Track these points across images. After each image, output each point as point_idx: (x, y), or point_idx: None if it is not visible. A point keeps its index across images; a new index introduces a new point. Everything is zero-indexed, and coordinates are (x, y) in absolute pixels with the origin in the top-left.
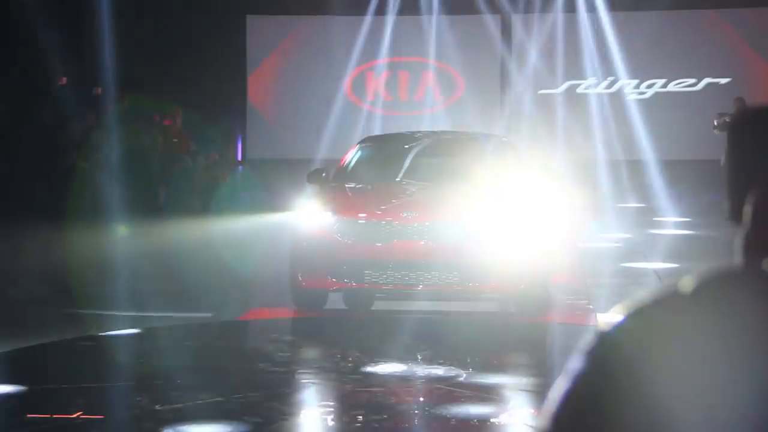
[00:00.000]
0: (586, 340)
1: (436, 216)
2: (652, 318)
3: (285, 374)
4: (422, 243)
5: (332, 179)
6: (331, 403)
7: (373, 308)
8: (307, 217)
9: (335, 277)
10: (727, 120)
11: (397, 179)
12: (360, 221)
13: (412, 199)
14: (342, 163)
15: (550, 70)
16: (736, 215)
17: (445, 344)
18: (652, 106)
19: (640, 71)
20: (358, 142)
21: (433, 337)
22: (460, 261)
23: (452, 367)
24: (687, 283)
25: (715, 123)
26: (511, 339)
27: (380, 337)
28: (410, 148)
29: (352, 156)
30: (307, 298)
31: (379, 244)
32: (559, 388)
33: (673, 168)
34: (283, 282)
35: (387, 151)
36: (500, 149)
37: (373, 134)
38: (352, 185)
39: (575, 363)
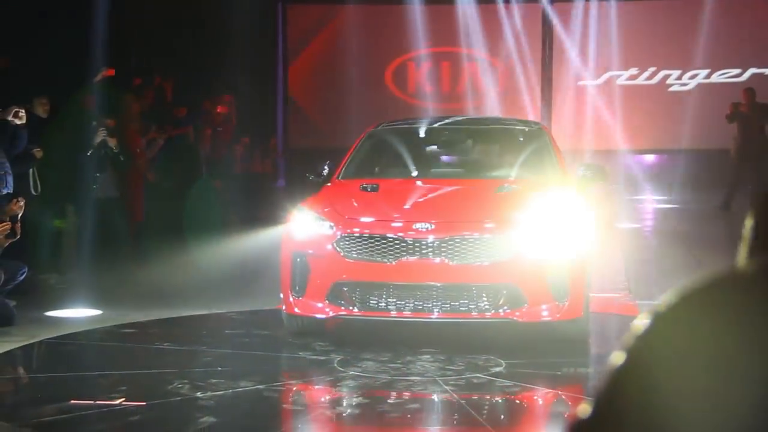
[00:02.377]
0: (640, 321)
1: (455, 228)
2: (709, 299)
3: (324, 362)
4: (438, 262)
5: (334, 177)
6: (370, 392)
7: None
8: (300, 227)
9: (333, 302)
10: (742, 110)
11: (411, 177)
12: (363, 234)
13: (427, 206)
14: (347, 156)
15: (590, 60)
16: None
17: (484, 334)
18: (694, 97)
19: (682, 61)
20: (367, 131)
21: (470, 325)
22: (488, 284)
23: (491, 357)
24: (747, 265)
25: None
26: (549, 329)
27: (418, 329)
28: (428, 139)
29: (359, 148)
30: (301, 325)
31: (386, 263)
32: (610, 369)
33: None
34: None
35: (400, 141)
36: (536, 139)
37: (385, 120)
38: (357, 186)
39: (628, 343)
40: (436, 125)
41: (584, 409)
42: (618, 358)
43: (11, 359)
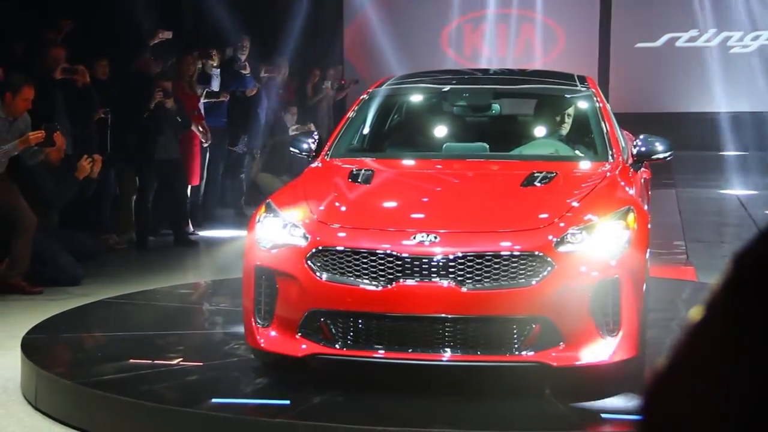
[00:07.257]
0: (720, 277)
1: (467, 241)
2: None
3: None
4: (445, 287)
5: (322, 154)
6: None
7: None
8: (266, 234)
9: (307, 337)
10: None
11: (417, 157)
12: (346, 247)
13: (432, 208)
14: (340, 124)
15: (650, 22)
16: None
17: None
18: (756, 59)
19: (743, 22)
20: (368, 90)
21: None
22: (511, 316)
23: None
24: None
25: None
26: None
27: None
28: (444, 101)
29: (355, 114)
30: (273, 360)
31: (377, 288)
32: (689, 323)
33: None
34: None
35: (407, 106)
36: (582, 103)
37: (390, 77)
38: (346, 172)
39: (708, 297)
40: (454, 83)
41: (662, 362)
42: (697, 312)
43: (71, 318)
